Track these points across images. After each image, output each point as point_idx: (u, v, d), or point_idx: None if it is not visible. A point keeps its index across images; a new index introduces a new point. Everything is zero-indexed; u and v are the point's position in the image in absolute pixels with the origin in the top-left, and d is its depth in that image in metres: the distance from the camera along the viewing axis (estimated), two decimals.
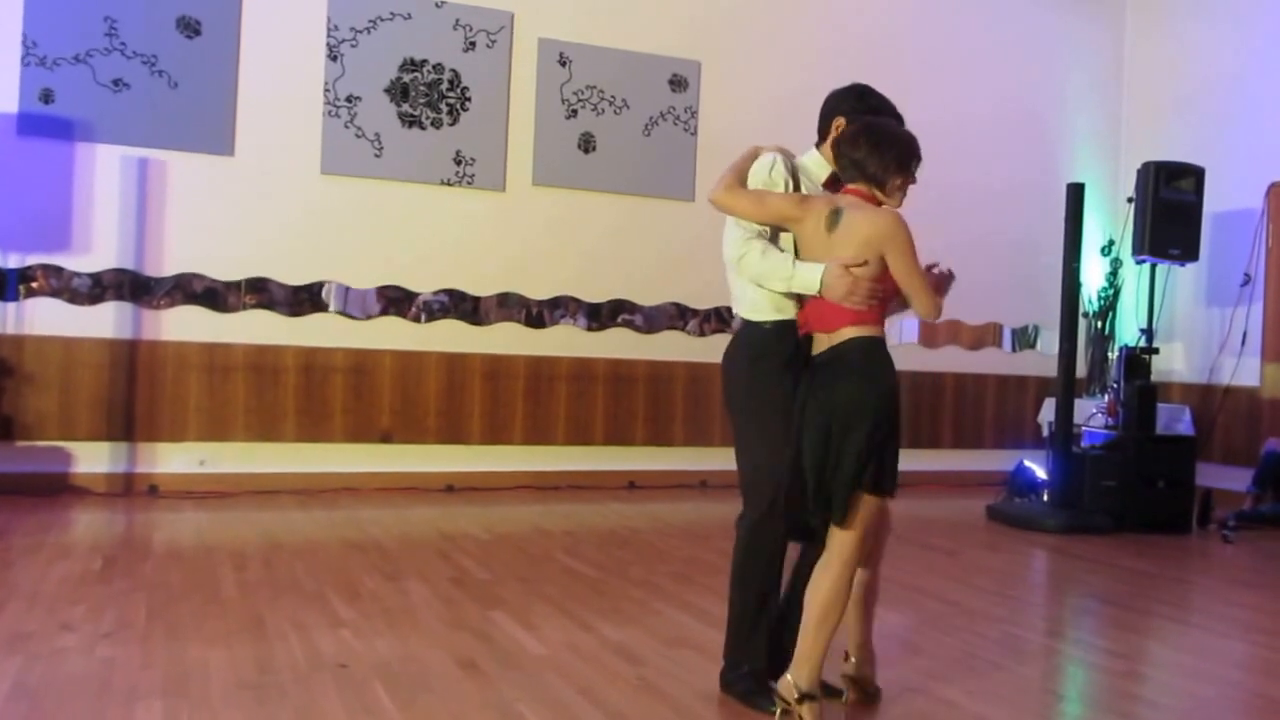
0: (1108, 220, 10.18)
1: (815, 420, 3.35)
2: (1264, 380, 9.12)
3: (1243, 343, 9.23)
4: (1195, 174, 8.21)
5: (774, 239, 3.59)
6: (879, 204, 3.43)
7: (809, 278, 3.39)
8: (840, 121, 3.72)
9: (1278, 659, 4.78)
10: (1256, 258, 9.23)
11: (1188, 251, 8.18)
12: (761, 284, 3.53)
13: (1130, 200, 8.29)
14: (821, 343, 3.44)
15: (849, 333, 3.37)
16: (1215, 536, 7.72)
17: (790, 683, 3.36)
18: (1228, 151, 9.29)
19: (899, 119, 3.70)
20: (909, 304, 3.49)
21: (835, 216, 3.39)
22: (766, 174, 3.63)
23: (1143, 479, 7.78)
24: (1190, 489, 8.00)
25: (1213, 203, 8.67)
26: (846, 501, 3.31)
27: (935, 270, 3.65)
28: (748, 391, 3.67)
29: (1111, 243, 9.98)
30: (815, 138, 3.81)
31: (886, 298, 3.41)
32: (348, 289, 7.91)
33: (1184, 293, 9.73)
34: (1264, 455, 8.47)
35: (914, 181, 3.49)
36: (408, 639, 4.26)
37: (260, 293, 7.68)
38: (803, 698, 3.33)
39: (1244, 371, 9.23)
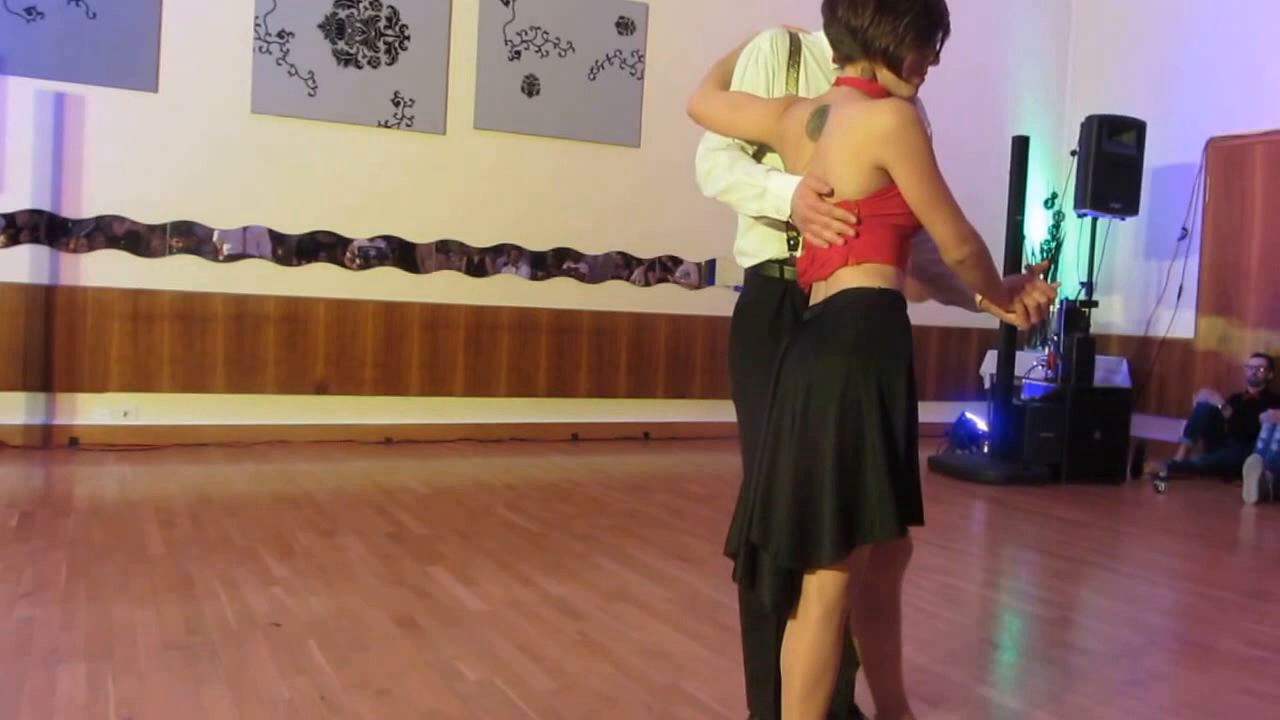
0: (1051, 173, 10.16)
1: (784, 407, 2.40)
2: (1199, 331, 9.19)
3: (1179, 296, 9.33)
4: (1137, 128, 8.24)
5: (756, 157, 2.70)
6: (884, 95, 2.42)
7: (782, 191, 2.47)
8: None
9: (1204, 606, 4.84)
10: (1194, 212, 9.28)
11: (1128, 205, 8.22)
12: (730, 204, 2.68)
13: (1074, 153, 8.31)
14: (816, 294, 2.46)
15: (845, 279, 2.37)
16: (1148, 486, 7.86)
17: None
18: (1169, 106, 9.30)
19: None
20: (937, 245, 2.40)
21: (819, 116, 2.42)
22: (739, 72, 2.73)
23: (1080, 430, 7.88)
24: (1125, 440, 8.15)
25: (1153, 157, 8.71)
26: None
27: (1032, 274, 2.64)
28: (729, 371, 2.86)
29: (1054, 195, 9.96)
30: None
31: (902, 232, 2.40)
32: (280, 234, 7.66)
33: (1123, 246, 9.76)
34: (1196, 406, 8.59)
35: (936, 62, 2.48)
36: (343, 596, 4.12)
37: (187, 237, 7.42)
38: None
39: (1179, 324, 9.32)
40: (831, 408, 2.30)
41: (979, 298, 2.59)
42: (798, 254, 2.60)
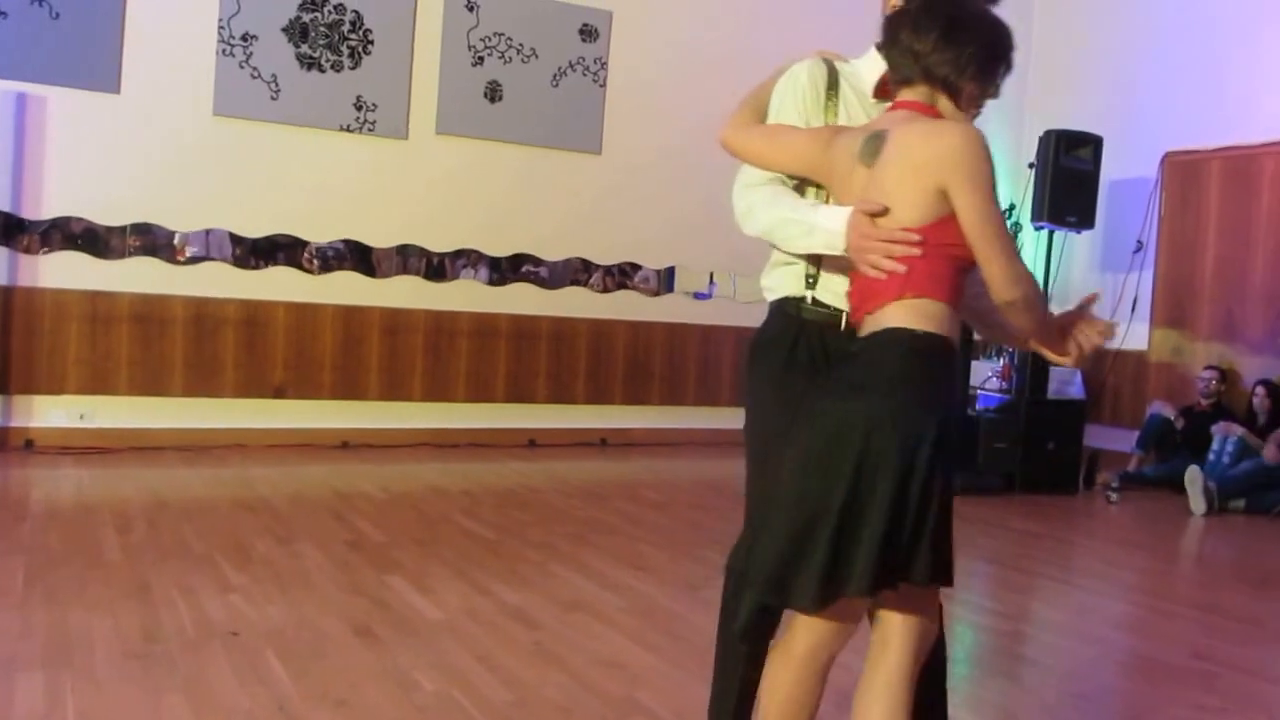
0: (1010, 185, 10.25)
1: (801, 441, 2.23)
2: (1153, 343, 9.31)
3: (1133, 308, 9.44)
4: (1094, 143, 8.37)
5: (799, 190, 2.53)
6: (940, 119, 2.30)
7: (833, 225, 2.30)
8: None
9: (1154, 619, 4.93)
10: (1149, 225, 9.40)
11: (1084, 219, 8.35)
12: (775, 243, 2.51)
13: (1031, 166, 8.40)
14: (864, 331, 2.29)
15: (891, 316, 2.20)
16: (1100, 497, 7.96)
17: None
18: (1127, 120, 9.42)
19: None
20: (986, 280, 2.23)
21: (875, 140, 2.26)
22: (777, 103, 2.57)
23: (1033, 441, 7.97)
24: (1079, 451, 8.27)
25: (1110, 170, 8.83)
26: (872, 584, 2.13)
27: (1083, 309, 2.46)
28: (746, 403, 2.70)
29: (1013, 206, 10.06)
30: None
31: (959, 266, 2.23)
32: (240, 237, 7.64)
33: (1080, 258, 9.88)
34: (1148, 418, 8.73)
35: (995, 96, 2.35)
36: (301, 605, 4.14)
37: (146, 239, 7.39)
38: None
39: (1134, 336, 9.41)
40: (850, 455, 2.12)
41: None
42: (815, 293, 2.52)
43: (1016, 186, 9.93)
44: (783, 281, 2.60)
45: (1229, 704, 3.73)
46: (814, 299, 2.53)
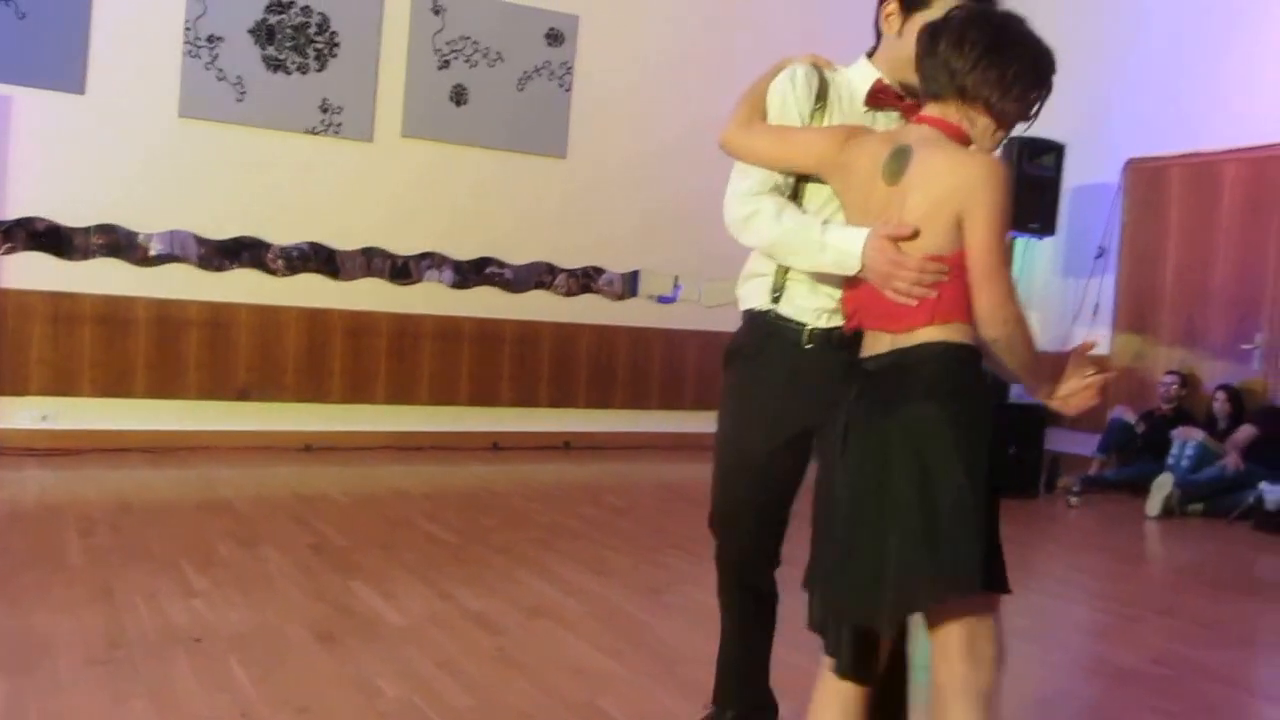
0: None
1: (864, 466, 2.21)
2: (1114, 348, 9.41)
3: (1095, 313, 9.52)
4: (1056, 150, 8.45)
5: (795, 195, 2.55)
6: (966, 142, 2.26)
7: (847, 246, 2.29)
8: (892, 7, 2.53)
9: (1114, 623, 5.00)
10: (1111, 231, 9.49)
11: (1046, 226, 8.45)
12: (777, 256, 2.53)
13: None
14: (878, 345, 2.28)
15: (926, 334, 2.20)
16: (1061, 501, 8.04)
17: None
18: (1090, 126, 9.48)
19: None
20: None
21: (900, 159, 2.22)
22: (780, 101, 2.56)
23: (994, 445, 7.99)
24: (1041, 455, 8.32)
25: (1073, 176, 8.93)
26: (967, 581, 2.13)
27: (1077, 357, 2.41)
28: (722, 403, 2.79)
29: None
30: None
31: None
32: (204, 239, 7.62)
33: (1042, 263, 9.96)
34: (1110, 422, 8.81)
35: (1029, 120, 2.32)
36: (263, 610, 4.15)
37: (110, 239, 7.36)
38: None
39: (1096, 340, 9.50)
40: (944, 453, 2.14)
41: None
42: (778, 307, 2.59)
43: None
44: (753, 293, 2.66)
45: (1188, 708, 3.80)
46: (776, 314, 2.60)
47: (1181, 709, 3.79)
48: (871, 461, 2.19)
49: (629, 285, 9.15)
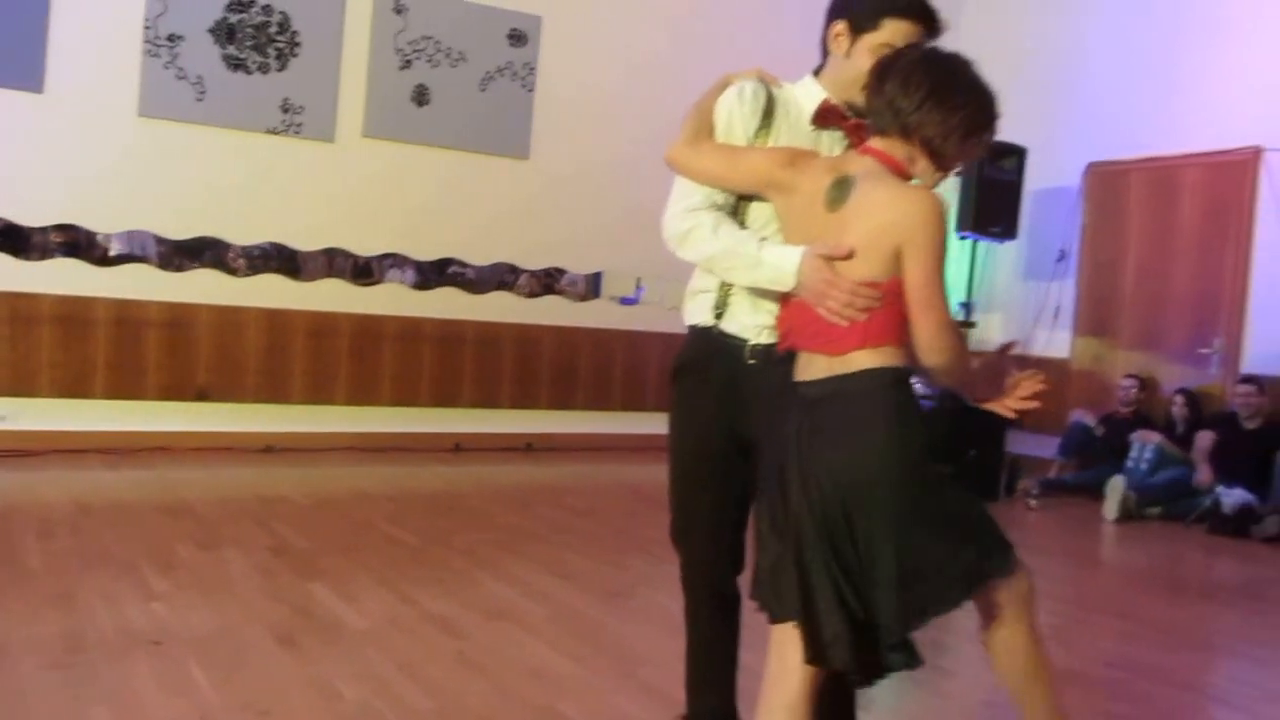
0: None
1: (811, 499, 2.28)
2: (1074, 352, 9.52)
3: (1055, 316, 9.62)
4: (1018, 154, 8.53)
5: (737, 213, 2.59)
6: (908, 177, 2.35)
7: (783, 263, 2.36)
8: (840, 28, 2.55)
9: (1066, 626, 5.03)
10: (1072, 235, 9.59)
11: (1007, 229, 8.53)
12: (715, 271, 2.59)
13: (959, 173, 8.50)
14: (814, 368, 2.35)
15: (862, 360, 2.28)
16: (1021, 504, 8.09)
17: None
18: (1051, 130, 9.58)
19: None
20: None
21: (842, 188, 2.30)
22: (726, 117, 2.60)
23: (956, 448, 8.06)
24: (1001, 458, 8.34)
25: (1035, 179, 9.03)
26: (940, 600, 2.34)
27: (1007, 354, 2.66)
28: (671, 418, 2.87)
29: None
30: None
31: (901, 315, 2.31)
32: (164, 239, 7.58)
33: (1004, 266, 10.06)
34: (1070, 425, 8.90)
35: (971, 160, 2.42)
36: (224, 613, 4.15)
37: (69, 239, 7.31)
38: None
39: (1056, 344, 9.62)
40: (880, 496, 2.26)
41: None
42: (721, 324, 2.65)
43: (945, 193, 10.11)
44: (697, 309, 2.72)
45: (1140, 711, 3.85)
46: (720, 331, 2.65)
47: (1135, 712, 3.84)
48: (819, 500, 2.27)
49: (592, 286, 9.17)
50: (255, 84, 7.81)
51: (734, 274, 2.51)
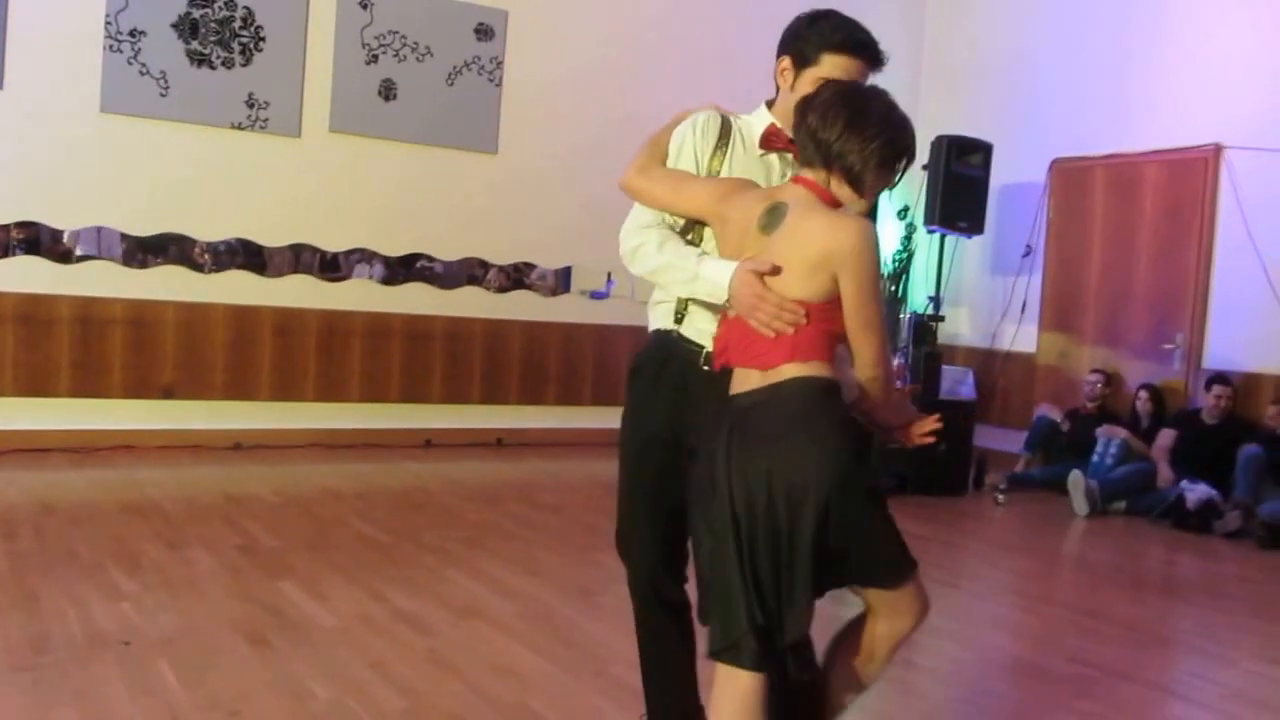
0: (903, 188, 10.44)
1: (736, 502, 2.37)
2: (1040, 347, 9.57)
3: (1022, 311, 9.67)
4: (984, 150, 8.54)
5: (687, 232, 2.75)
6: (836, 204, 2.47)
7: (717, 278, 2.49)
8: (785, 63, 2.71)
9: (1031, 621, 5.09)
10: (1038, 230, 9.63)
11: (974, 225, 8.53)
12: (659, 284, 2.74)
13: (925, 168, 8.52)
14: (747, 382, 2.48)
15: (792, 370, 2.41)
16: (988, 498, 8.10)
17: None
18: (1016, 126, 9.64)
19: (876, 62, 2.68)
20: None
21: (775, 214, 2.45)
22: (679, 143, 2.77)
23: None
24: (970, 452, 8.38)
25: (1001, 174, 9.04)
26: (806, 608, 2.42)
27: (911, 393, 2.88)
28: (623, 418, 2.97)
29: (907, 208, 10.24)
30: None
31: (838, 337, 2.46)
32: (128, 236, 7.51)
33: (971, 260, 10.09)
34: (1035, 420, 8.95)
35: (893, 186, 2.55)
36: (193, 612, 4.12)
37: (31, 236, 7.23)
38: None
39: (1023, 339, 9.68)
40: (803, 495, 2.33)
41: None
42: (680, 329, 2.77)
43: (913, 186, 10.13)
44: (659, 317, 2.86)
45: (1104, 708, 3.87)
46: (679, 334, 2.77)
47: (1099, 709, 3.86)
48: (747, 491, 2.36)
49: (561, 281, 9.15)
50: (219, 79, 7.74)
51: (674, 287, 2.66)
